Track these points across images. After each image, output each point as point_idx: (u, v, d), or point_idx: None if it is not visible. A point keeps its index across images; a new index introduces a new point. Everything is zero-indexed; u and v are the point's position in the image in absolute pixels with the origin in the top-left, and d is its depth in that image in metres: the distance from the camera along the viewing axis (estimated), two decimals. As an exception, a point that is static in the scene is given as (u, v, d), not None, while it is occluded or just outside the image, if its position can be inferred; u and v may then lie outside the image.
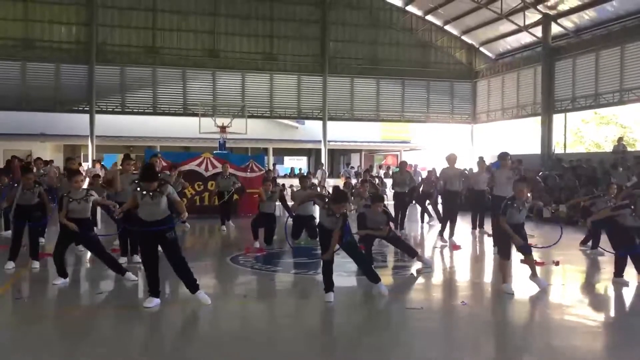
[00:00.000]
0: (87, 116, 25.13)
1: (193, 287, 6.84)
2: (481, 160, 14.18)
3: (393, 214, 14.67)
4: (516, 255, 10.39)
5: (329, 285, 7.07)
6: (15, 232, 9.13)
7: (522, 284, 8.87)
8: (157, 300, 6.70)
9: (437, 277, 9.15)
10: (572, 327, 6.21)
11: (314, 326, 6.32)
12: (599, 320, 6.54)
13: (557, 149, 25.13)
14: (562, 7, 22.94)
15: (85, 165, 25.03)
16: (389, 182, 23.09)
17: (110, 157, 30.89)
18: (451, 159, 12.62)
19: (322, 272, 7.18)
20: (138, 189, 6.78)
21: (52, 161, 20.47)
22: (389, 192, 16.94)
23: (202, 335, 5.77)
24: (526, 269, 8.51)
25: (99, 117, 25.38)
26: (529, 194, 8.09)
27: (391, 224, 9.73)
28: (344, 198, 7.36)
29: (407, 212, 15.06)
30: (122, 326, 6.13)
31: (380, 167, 30.75)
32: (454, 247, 11.69)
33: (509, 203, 7.79)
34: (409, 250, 9.59)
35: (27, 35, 24.32)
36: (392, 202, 14.65)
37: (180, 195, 14.51)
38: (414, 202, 16.67)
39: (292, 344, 5.69)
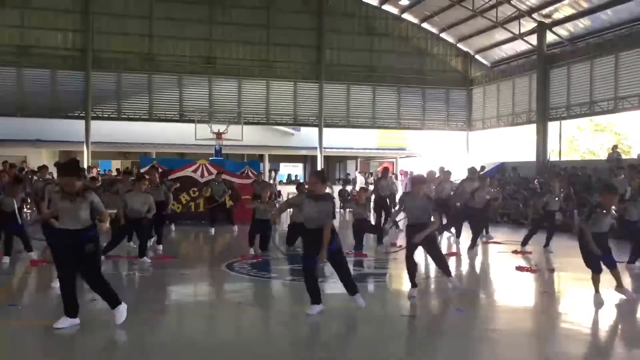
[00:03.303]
0: (82, 122, 25.08)
1: (112, 301, 6.10)
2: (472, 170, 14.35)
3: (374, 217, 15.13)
4: (511, 262, 10.42)
5: (315, 295, 6.63)
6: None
7: (519, 291, 8.88)
8: (71, 321, 5.92)
9: (433, 284, 9.14)
10: (568, 335, 6.22)
11: (307, 334, 6.30)
12: (595, 328, 6.55)
13: (552, 156, 25.20)
14: (557, 16, 23.07)
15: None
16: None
17: (105, 163, 30.87)
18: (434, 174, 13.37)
19: (305, 281, 6.64)
20: (58, 190, 6.04)
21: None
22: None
23: (195, 343, 5.74)
24: (525, 277, 8.52)
25: (94, 124, 25.33)
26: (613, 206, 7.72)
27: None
28: (320, 174, 6.94)
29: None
30: (115, 333, 6.09)
31: (371, 173, 30.78)
32: (451, 253, 11.70)
33: (595, 208, 7.47)
34: (444, 266, 8.09)
35: (23, 41, 24.31)
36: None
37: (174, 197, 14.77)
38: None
39: (286, 353, 5.68)
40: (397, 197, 16.20)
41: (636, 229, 10.10)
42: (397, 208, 8.23)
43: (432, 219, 7.59)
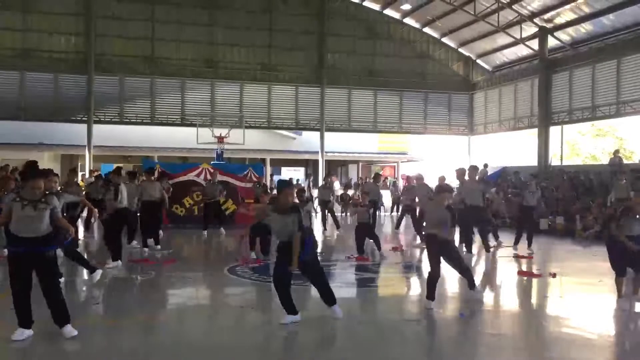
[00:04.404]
0: (85, 126, 25.11)
1: (61, 319, 5.80)
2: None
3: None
4: (513, 266, 10.40)
5: (289, 306, 6.43)
6: None
7: (521, 296, 8.87)
8: (28, 332, 5.75)
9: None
10: (570, 340, 6.20)
11: (309, 338, 6.28)
12: (597, 333, 6.53)
13: (554, 160, 25.20)
14: (559, 20, 23.08)
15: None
16: (385, 192, 23.35)
17: (107, 166, 30.89)
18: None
19: (277, 293, 6.47)
20: (17, 198, 5.69)
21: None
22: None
23: (196, 346, 5.74)
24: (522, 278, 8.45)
25: (96, 127, 25.36)
26: None
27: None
28: (287, 184, 6.68)
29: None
30: (118, 337, 6.08)
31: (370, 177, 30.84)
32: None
33: (625, 212, 7.31)
34: (468, 276, 7.80)
35: (26, 45, 24.35)
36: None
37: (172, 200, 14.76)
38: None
39: (287, 357, 5.67)
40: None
41: None
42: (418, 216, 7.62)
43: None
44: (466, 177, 12.68)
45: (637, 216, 7.30)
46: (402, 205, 17.52)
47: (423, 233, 12.06)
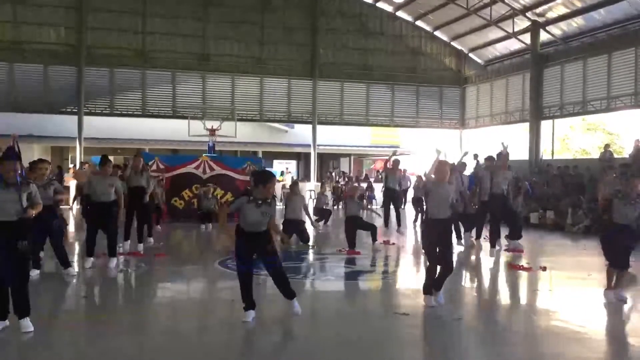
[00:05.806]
0: (75, 118, 24.97)
1: (22, 311, 5.63)
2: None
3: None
4: (503, 260, 10.44)
5: (248, 301, 6.26)
6: None
7: (511, 290, 8.93)
8: (3, 324, 5.68)
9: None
10: (559, 334, 6.25)
11: (297, 331, 6.28)
12: (586, 327, 6.58)
13: (545, 155, 25.30)
14: (551, 15, 23.13)
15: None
16: (377, 186, 23.45)
17: (98, 159, 30.75)
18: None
19: (240, 285, 6.24)
20: None
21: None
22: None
23: (186, 341, 5.74)
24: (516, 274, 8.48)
25: (87, 119, 25.23)
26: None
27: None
28: (269, 175, 6.46)
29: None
30: (106, 331, 6.07)
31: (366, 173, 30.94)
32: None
33: (618, 195, 7.06)
34: (442, 276, 7.04)
35: (16, 37, 24.14)
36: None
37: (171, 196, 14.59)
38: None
39: (275, 351, 5.68)
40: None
41: None
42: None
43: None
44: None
45: (632, 201, 7.18)
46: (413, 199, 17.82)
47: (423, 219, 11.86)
